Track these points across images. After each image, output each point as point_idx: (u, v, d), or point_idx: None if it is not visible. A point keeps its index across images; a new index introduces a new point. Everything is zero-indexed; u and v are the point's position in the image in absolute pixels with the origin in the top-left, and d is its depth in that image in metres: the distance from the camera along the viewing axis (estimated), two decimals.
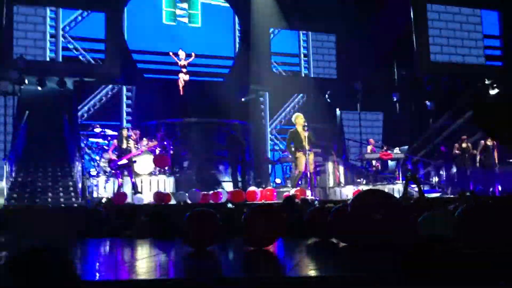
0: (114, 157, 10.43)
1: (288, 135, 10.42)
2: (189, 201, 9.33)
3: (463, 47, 16.28)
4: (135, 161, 10.54)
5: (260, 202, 9.38)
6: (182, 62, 14.06)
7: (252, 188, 10.08)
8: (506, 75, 15.78)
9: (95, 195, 10.63)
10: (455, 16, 16.36)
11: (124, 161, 10.26)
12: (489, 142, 12.05)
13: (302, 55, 16.81)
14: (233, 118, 13.91)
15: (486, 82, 15.38)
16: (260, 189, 10.55)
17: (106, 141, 11.81)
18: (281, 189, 11.18)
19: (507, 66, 16.23)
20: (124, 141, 10.44)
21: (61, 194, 10.77)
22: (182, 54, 14.07)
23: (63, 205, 10.11)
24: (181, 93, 14.46)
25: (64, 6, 14.09)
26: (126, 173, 10.46)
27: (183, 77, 14.12)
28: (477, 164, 12.36)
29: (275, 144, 14.77)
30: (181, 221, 3.34)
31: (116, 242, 4.48)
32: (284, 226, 3.41)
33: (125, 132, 10.58)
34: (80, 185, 10.66)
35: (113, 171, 10.69)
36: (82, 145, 12.32)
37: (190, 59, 14.14)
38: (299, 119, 10.24)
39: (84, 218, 5.77)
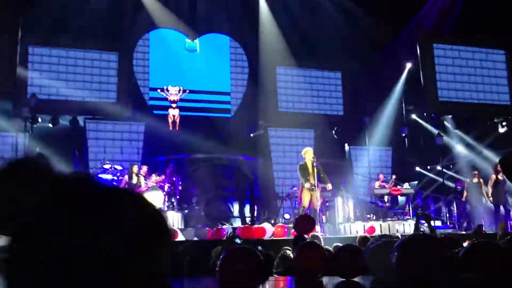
0: None
1: (299, 168, 10.38)
2: (195, 238, 9.25)
3: (471, 86, 16.35)
4: None
5: (269, 238, 9.28)
6: (173, 97, 14.26)
7: (263, 224, 9.98)
8: None
9: None
10: (461, 54, 16.51)
11: None
12: (500, 177, 11.93)
13: (309, 92, 16.94)
14: (241, 154, 13.94)
15: (495, 120, 15.46)
16: (269, 224, 10.46)
17: (115, 177, 11.85)
18: (290, 225, 11.07)
19: None
20: (134, 177, 10.47)
21: None
22: (173, 89, 14.32)
23: None
24: (170, 128, 14.62)
25: (77, 48, 14.42)
26: None
27: (172, 112, 14.28)
28: (489, 199, 12.21)
29: (283, 180, 14.71)
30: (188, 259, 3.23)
31: None
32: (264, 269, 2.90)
33: (135, 168, 10.61)
34: None
35: None
36: None
37: (182, 95, 14.40)
38: (308, 154, 10.27)
39: None
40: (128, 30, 14.51)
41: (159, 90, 14.04)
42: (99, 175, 12.11)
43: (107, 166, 12.00)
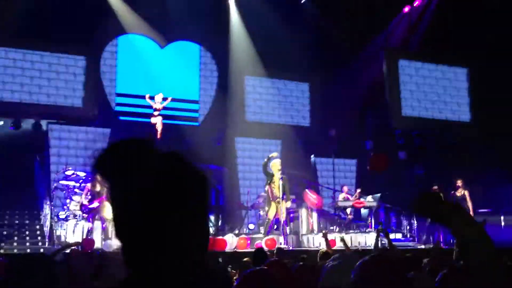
0: (86, 201, 10.20)
1: (267, 176, 10.44)
2: None
3: (434, 102, 16.83)
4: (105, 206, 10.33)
5: (232, 250, 9.26)
6: (157, 106, 14.03)
7: (226, 236, 9.93)
8: (473, 130, 16.38)
9: (63, 239, 10.36)
10: (425, 71, 16.98)
11: (95, 204, 10.06)
12: (458, 193, 12.28)
13: (277, 102, 17.07)
14: (207, 163, 13.88)
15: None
16: (233, 235, 10.43)
17: (77, 184, 11.62)
18: (254, 236, 11.12)
19: (475, 122, 16.80)
20: (98, 185, 10.24)
21: (28, 238, 10.48)
22: (158, 97, 14.06)
23: (28, 250, 9.82)
24: (159, 136, 14.36)
25: (44, 50, 14.09)
26: (97, 217, 10.23)
27: (154, 120, 14.03)
28: None
29: (249, 191, 14.73)
30: None
31: None
32: None
33: (99, 176, 10.36)
34: (47, 229, 10.39)
35: (84, 215, 10.44)
36: (52, 187, 12.06)
37: (165, 103, 14.14)
38: (275, 166, 10.32)
39: (47, 267, 5.48)
40: (96, 34, 14.30)
41: (147, 97, 13.79)
42: (60, 181, 11.85)
43: (69, 173, 11.73)
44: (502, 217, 13.97)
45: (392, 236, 13.12)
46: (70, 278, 5.33)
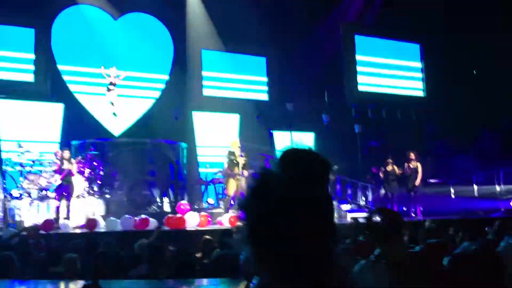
0: (60, 181, 10.00)
1: (228, 154, 10.53)
2: (120, 228, 9.07)
3: (389, 77, 17.17)
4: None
5: (195, 229, 9.28)
6: (112, 80, 13.66)
7: (188, 214, 9.87)
8: (426, 105, 16.87)
9: (17, 218, 10.11)
10: (380, 46, 17.24)
11: (65, 181, 9.91)
12: (412, 165, 12.70)
13: (234, 76, 16.98)
14: (165, 138, 13.73)
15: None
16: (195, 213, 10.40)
17: (31, 162, 11.32)
18: (215, 211, 11.19)
19: (428, 97, 17.30)
20: (65, 162, 10.10)
21: None
22: (112, 71, 13.67)
23: None
24: (113, 111, 14.04)
25: None
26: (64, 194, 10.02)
27: (109, 95, 13.67)
28: (400, 186, 12.98)
29: (208, 165, 14.72)
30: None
31: (40, 285, 4.20)
32: None
33: (66, 154, 10.22)
34: (0, 208, 10.09)
35: (53, 194, 10.25)
36: (4, 165, 11.68)
37: (121, 77, 13.80)
38: (235, 145, 10.47)
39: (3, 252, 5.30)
40: (46, 5, 13.66)
41: (101, 70, 13.30)
42: (12, 159, 11.49)
43: (21, 150, 11.38)
44: (451, 188, 14.63)
45: (347, 207, 13.58)
46: (28, 262, 5.23)
